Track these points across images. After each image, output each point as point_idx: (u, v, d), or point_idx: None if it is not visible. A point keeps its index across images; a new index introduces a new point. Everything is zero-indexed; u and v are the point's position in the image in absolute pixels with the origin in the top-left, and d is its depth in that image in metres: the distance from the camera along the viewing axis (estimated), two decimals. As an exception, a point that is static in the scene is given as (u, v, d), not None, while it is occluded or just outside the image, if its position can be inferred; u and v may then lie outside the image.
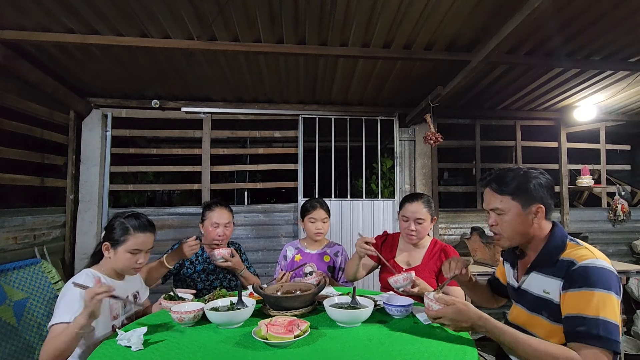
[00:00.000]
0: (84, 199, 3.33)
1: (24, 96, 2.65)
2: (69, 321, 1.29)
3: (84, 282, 1.40)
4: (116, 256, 1.52)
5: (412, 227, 1.89)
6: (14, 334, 2.12)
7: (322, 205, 2.26)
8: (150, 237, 1.59)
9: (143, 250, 1.56)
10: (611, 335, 1.03)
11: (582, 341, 1.05)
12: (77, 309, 1.32)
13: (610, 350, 1.03)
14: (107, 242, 1.52)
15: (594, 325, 1.04)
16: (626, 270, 3.09)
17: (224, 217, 2.14)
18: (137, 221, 1.56)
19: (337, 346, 1.19)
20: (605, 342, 1.02)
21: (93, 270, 1.52)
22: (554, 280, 1.19)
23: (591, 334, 1.03)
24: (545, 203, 1.25)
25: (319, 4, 2.04)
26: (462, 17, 2.17)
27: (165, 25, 2.23)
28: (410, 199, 1.96)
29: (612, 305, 1.06)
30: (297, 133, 3.69)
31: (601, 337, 1.02)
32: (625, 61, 2.72)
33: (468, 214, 3.91)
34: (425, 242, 1.97)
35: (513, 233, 1.28)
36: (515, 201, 1.26)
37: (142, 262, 1.57)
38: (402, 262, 1.96)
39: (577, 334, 1.06)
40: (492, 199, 1.31)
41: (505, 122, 4.05)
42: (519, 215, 1.25)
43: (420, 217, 1.89)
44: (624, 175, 4.82)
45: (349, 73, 2.97)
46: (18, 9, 2.06)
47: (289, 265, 2.27)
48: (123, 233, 1.52)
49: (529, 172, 1.27)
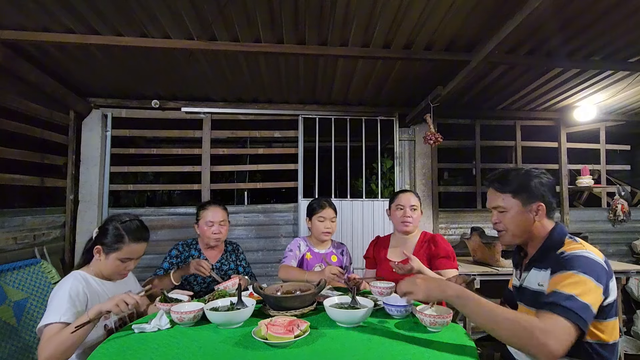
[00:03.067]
0: (84, 199, 3.33)
1: (24, 96, 2.65)
2: (57, 321, 1.30)
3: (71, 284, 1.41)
4: (106, 261, 1.52)
5: (408, 214, 2.04)
6: (14, 334, 2.12)
7: (331, 205, 2.28)
8: (144, 245, 1.58)
9: (133, 259, 1.55)
10: (577, 310, 1.02)
11: (546, 308, 1.05)
12: (66, 310, 1.33)
13: (573, 323, 1.01)
14: (99, 245, 1.51)
15: (562, 298, 1.04)
16: (626, 270, 3.09)
17: (218, 215, 2.14)
18: (133, 230, 1.54)
19: (337, 346, 1.19)
20: (569, 313, 1.01)
21: (82, 272, 1.51)
22: (545, 271, 1.22)
23: (555, 303, 1.04)
24: (546, 201, 1.28)
25: (319, 4, 2.04)
26: (462, 17, 2.17)
27: (165, 25, 2.22)
28: (402, 191, 2.19)
29: (587, 287, 1.06)
30: (297, 133, 3.69)
31: (565, 308, 1.02)
32: (625, 61, 2.72)
33: (468, 214, 3.91)
34: (416, 234, 2.11)
35: (516, 229, 1.31)
36: (516, 199, 1.29)
37: (130, 269, 1.57)
38: (394, 257, 2.04)
39: (544, 304, 1.08)
40: (494, 197, 1.36)
41: (505, 122, 4.05)
42: (520, 212, 1.29)
43: (413, 203, 2.07)
44: (624, 175, 4.82)
45: (349, 73, 2.97)
46: (18, 9, 2.06)
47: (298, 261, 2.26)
48: (117, 241, 1.51)
49: (530, 172, 1.32)
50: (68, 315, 1.33)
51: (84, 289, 1.44)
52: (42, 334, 1.31)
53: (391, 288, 1.67)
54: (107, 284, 1.54)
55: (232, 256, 2.29)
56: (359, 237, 3.58)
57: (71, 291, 1.39)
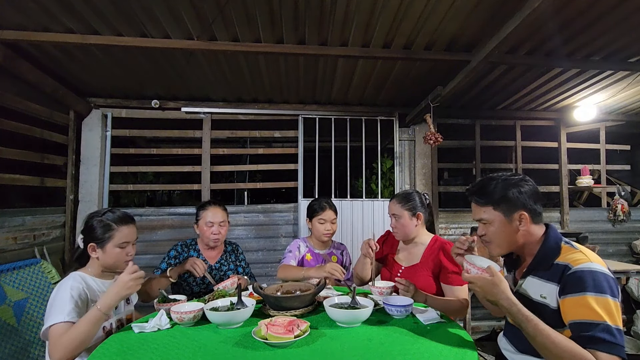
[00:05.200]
0: (84, 199, 3.33)
1: (24, 96, 2.65)
2: (62, 321, 1.30)
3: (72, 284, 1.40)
4: (105, 254, 1.51)
5: (392, 223, 1.95)
6: (14, 334, 2.12)
7: (331, 207, 2.27)
8: (133, 228, 1.59)
9: (130, 242, 1.56)
10: (621, 342, 1.04)
11: (596, 347, 1.04)
12: (70, 310, 1.33)
13: (621, 357, 1.03)
14: (91, 242, 1.51)
15: (606, 332, 1.04)
16: (626, 270, 3.09)
17: (218, 216, 2.14)
18: (116, 216, 1.55)
19: (337, 346, 1.19)
20: (619, 349, 1.03)
21: (80, 273, 1.50)
22: (550, 285, 1.19)
23: (604, 340, 1.03)
24: (528, 209, 1.25)
25: (319, 4, 2.04)
26: (462, 17, 2.17)
27: (165, 25, 2.23)
28: (391, 198, 2.02)
29: (613, 309, 1.06)
30: (297, 133, 3.69)
31: (614, 344, 1.03)
32: (625, 61, 2.72)
33: (468, 214, 3.90)
34: (425, 239, 1.93)
35: (501, 241, 1.30)
36: (498, 211, 1.27)
37: (132, 254, 1.57)
38: (401, 259, 1.97)
39: (588, 339, 1.05)
40: (477, 210, 1.34)
41: (505, 122, 4.05)
42: (504, 224, 1.27)
43: (394, 212, 1.92)
44: (624, 175, 4.82)
45: (348, 73, 2.97)
46: (18, 9, 2.06)
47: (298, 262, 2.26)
48: (106, 230, 1.51)
49: (508, 180, 1.28)
50: (73, 315, 1.33)
51: (84, 289, 1.44)
52: (49, 335, 1.30)
53: (391, 288, 1.66)
54: (106, 283, 1.54)
55: (232, 256, 2.28)
56: (359, 237, 3.58)
57: (72, 291, 1.39)
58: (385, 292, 1.64)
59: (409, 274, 1.84)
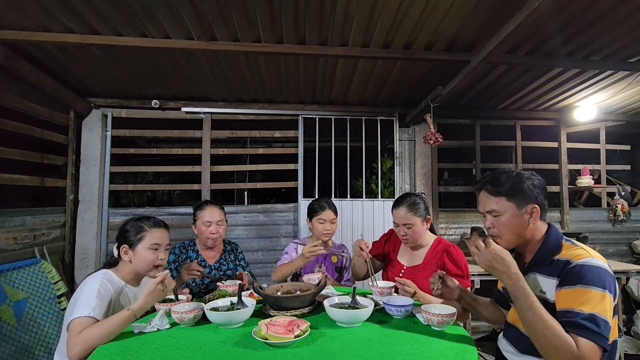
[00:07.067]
0: (84, 199, 3.33)
1: (24, 96, 2.65)
2: (87, 315, 1.31)
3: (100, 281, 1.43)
4: (136, 256, 1.55)
5: (402, 232, 1.86)
6: (13, 334, 2.12)
7: (331, 207, 2.27)
8: (166, 233, 1.63)
9: (162, 245, 1.60)
10: (604, 333, 1.05)
11: (577, 332, 1.06)
12: (96, 305, 1.35)
13: (601, 347, 1.04)
14: (124, 244, 1.55)
15: (590, 320, 1.05)
16: (626, 270, 3.09)
17: (215, 215, 2.14)
18: (149, 219, 1.61)
19: (337, 346, 1.19)
20: (600, 338, 1.04)
21: (109, 272, 1.54)
22: (550, 279, 1.20)
23: (587, 327, 1.05)
24: (539, 203, 1.26)
25: (319, 4, 2.04)
26: (462, 17, 2.17)
27: (165, 25, 2.22)
28: (395, 205, 1.90)
29: (604, 303, 1.07)
30: (297, 133, 3.69)
31: (596, 333, 1.04)
32: (625, 61, 2.72)
33: (468, 214, 3.91)
34: (428, 240, 1.91)
35: (510, 234, 1.28)
36: (511, 202, 1.26)
37: (163, 258, 1.59)
38: (403, 260, 1.96)
39: (572, 325, 1.07)
40: (487, 201, 1.31)
41: (505, 122, 4.05)
42: (515, 215, 1.26)
43: (407, 222, 1.83)
44: (624, 175, 4.82)
45: (349, 73, 2.97)
46: (18, 9, 2.06)
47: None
48: (138, 231, 1.56)
49: (521, 174, 1.29)
50: (97, 311, 1.35)
51: (111, 288, 1.48)
52: (71, 327, 1.30)
53: (391, 288, 1.66)
54: (132, 289, 1.59)
55: (231, 256, 2.28)
56: (359, 237, 3.57)
57: (101, 288, 1.42)
58: (386, 292, 1.64)
59: (411, 274, 1.84)
